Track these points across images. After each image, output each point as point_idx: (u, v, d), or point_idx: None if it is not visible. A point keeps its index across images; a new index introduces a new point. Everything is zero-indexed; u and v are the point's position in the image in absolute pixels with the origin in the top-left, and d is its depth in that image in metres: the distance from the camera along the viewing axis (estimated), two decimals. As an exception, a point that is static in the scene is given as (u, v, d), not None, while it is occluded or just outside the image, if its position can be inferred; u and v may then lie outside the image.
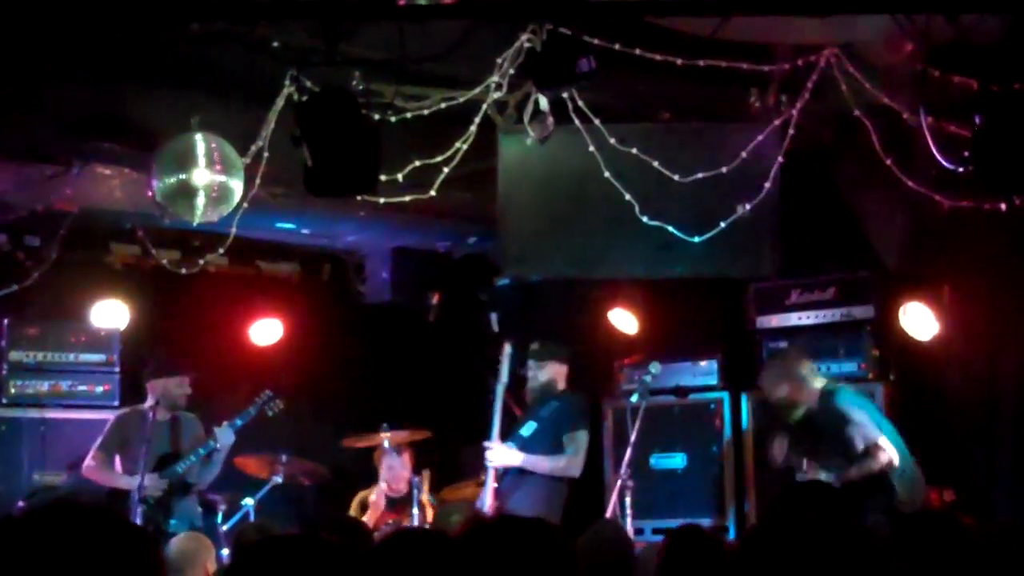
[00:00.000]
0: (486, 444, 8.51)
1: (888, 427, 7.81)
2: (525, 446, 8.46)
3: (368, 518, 8.99)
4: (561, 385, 8.75)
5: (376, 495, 9.28)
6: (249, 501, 8.92)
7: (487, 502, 8.36)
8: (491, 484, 8.42)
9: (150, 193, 7.08)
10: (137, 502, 8.07)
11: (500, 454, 8.44)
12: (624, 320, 9.99)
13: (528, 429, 8.51)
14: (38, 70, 6.85)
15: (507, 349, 8.75)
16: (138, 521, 7.95)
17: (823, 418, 7.88)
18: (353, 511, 9.34)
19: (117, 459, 8.59)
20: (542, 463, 8.39)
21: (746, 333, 9.31)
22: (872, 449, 7.60)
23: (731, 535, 8.90)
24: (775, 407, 8.20)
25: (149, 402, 8.55)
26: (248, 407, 8.78)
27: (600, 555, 5.74)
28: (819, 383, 8.00)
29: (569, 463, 8.43)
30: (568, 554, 2.97)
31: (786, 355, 8.41)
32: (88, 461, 8.57)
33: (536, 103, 6.83)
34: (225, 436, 8.57)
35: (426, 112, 6.95)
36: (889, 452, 7.58)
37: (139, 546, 2.41)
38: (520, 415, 8.81)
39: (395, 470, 9.21)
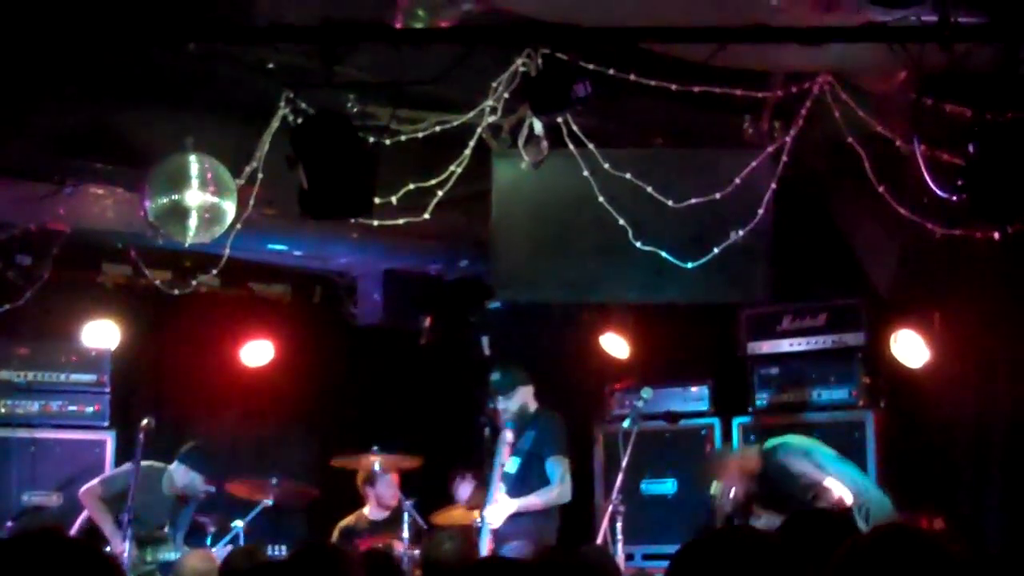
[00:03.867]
0: (488, 507, 8.34)
1: (843, 467, 7.76)
2: (516, 483, 8.34)
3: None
4: (532, 406, 8.53)
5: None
6: (239, 523, 8.88)
7: (485, 546, 8.28)
8: (487, 535, 8.34)
9: (143, 213, 7.07)
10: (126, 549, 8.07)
11: (496, 513, 8.25)
12: (616, 345, 9.99)
13: (514, 465, 8.37)
14: (32, 89, 6.85)
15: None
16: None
17: (771, 476, 7.86)
18: (334, 539, 9.31)
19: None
20: (534, 502, 8.24)
21: (737, 359, 9.32)
22: (818, 491, 7.57)
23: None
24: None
25: (167, 467, 8.56)
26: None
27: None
28: (757, 450, 8.02)
29: (558, 494, 8.26)
30: None
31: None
32: (88, 488, 8.52)
33: (531, 127, 6.86)
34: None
35: (421, 135, 6.96)
36: (838, 490, 7.55)
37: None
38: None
39: (386, 490, 9.19)
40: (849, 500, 7.53)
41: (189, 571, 6.79)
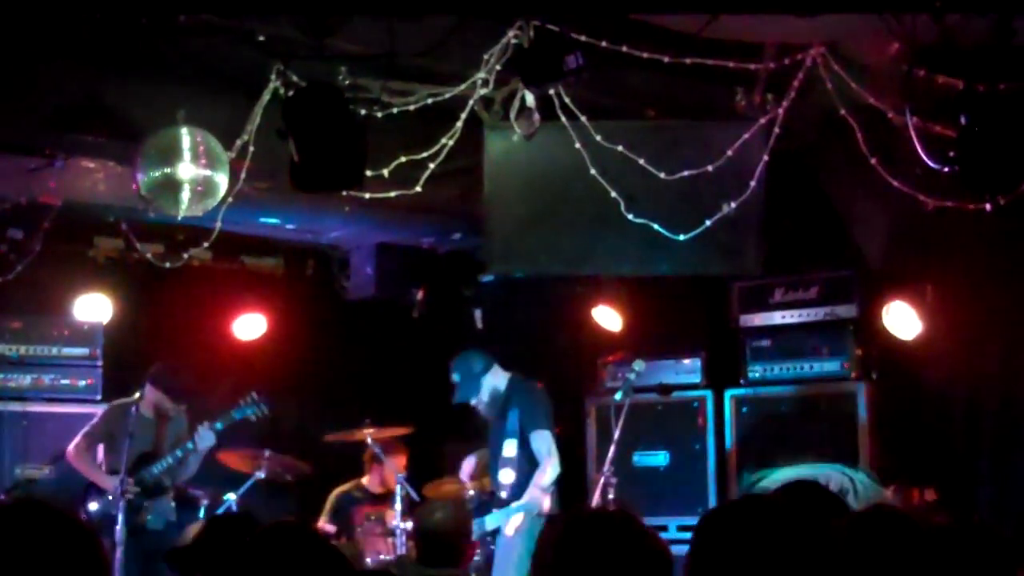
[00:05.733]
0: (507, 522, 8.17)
1: (816, 468, 7.95)
2: (518, 465, 8.23)
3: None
4: (503, 384, 8.44)
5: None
6: (231, 496, 8.90)
7: None
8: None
9: (135, 186, 7.06)
10: (119, 497, 8.05)
11: (511, 525, 8.08)
12: (608, 317, 10.00)
13: (509, 448, 8.28)
14: (22, 62, 6.82)
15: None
16: (119, 517, 7.94)
17: None
18: (329, 506, 9.34)
19: (100, 449, 8.60)
20: (535, 493, 8.11)
21: (729, 331, 9.32)
22: None
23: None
24: None
25: (138, 395, 8.49)
26: (231, 410, 8.72)
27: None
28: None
29: (551, 470, 8.16)
30: None
31: None
32: (72, 446, 8.57)
33: (523, 99, 6.84)
34: (205, 439, 8.54)
35: (412, 108, 6.94)
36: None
37: (84, 546, 2.44)
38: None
39: (392, 471, 9.20)
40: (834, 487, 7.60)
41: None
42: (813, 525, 2.60)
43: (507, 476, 8.27)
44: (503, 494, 8.22)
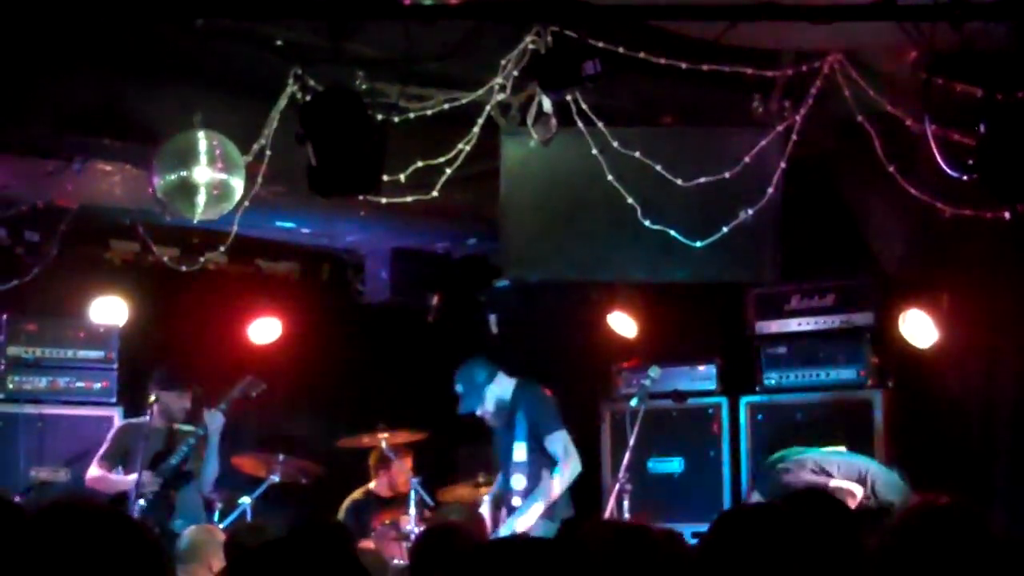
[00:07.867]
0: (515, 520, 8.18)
1: (841, 457, 7.77)
2: (529, 469, 8.22)
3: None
4: (508, 392, 8.42)
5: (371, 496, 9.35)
6: (246, 500, 8.91)
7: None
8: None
9: (151, 190, 7.07)
10: (134, 500, 8.06)
11: (525, 524, 8.07)
12: (623, 323, 9.98)
13: (520, 452, 8.28)
14: (40, 65, 6.84)
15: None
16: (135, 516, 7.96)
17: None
18: (342, 515, 9.33)
19: (121, 468, 8.62)
20: (552, 493, 8.11)
21: (745, 338, 9.30)
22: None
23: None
24: None
25: (149, 413, 8.52)
26: (230, 390, 8.76)
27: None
28: None
29: (570, 469, 8.17)
30: None
31: None
32: (90, 472, 8.59)
33: (540, 105, 6.83)
34: (215, 419, 8.58)
35: (429, 113, 6.95)
36: (845, 488, 7.43)
37: (145, 547, 2.42)
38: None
39: (399, 475, 9.19)
40: (859, 493, 7.51)
41: (186, 544, 6.82)
42: (819, 536, 2.60)
43: (519, 482, 8.25)
44: (516, 500, 8.19)
